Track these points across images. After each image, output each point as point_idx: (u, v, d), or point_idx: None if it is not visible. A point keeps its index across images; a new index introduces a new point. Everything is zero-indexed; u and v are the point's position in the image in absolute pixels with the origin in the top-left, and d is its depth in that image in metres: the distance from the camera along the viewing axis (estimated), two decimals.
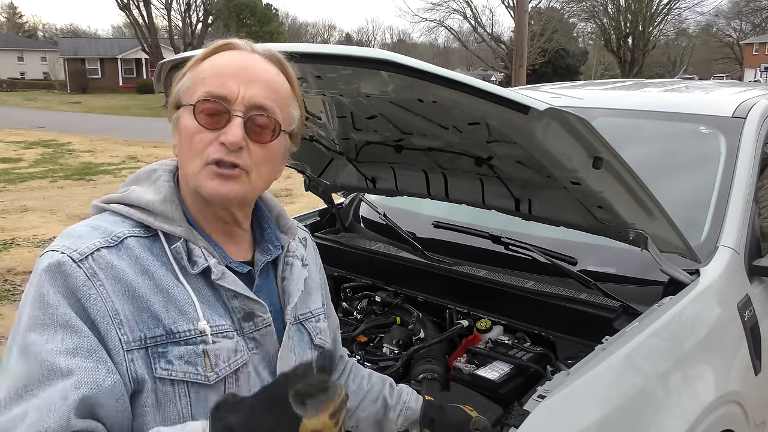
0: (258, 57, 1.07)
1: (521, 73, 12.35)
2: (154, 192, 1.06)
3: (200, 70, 1.05)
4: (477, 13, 37.37)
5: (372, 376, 1.44)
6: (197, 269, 1.02)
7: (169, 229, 1.03)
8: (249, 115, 1.02)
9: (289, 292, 1.15)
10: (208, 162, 1.01)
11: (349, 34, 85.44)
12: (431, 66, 1.23)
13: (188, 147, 1.03)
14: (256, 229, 1.18)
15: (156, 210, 1.03)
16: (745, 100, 2.33)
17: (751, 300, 1.81)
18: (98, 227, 1.01)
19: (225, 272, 1.04)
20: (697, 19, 47.75)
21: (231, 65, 1.04)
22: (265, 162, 1.05)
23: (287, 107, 1.08)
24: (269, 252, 1.15)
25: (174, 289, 1.00)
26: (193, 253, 1.03)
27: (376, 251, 2.25)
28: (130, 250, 1.00)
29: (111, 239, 0.99)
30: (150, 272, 0.99)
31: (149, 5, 35.28)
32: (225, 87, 1.01)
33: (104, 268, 0.96)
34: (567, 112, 1.24)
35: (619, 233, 1.64)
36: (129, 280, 0.97)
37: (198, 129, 1.01)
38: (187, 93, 1.05)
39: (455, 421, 1.37)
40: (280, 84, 1.07)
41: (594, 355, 1.35)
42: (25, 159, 12.92)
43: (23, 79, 50.40)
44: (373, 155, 2.03)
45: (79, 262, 0.95)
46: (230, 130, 1.00)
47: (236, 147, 1.00)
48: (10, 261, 5.75)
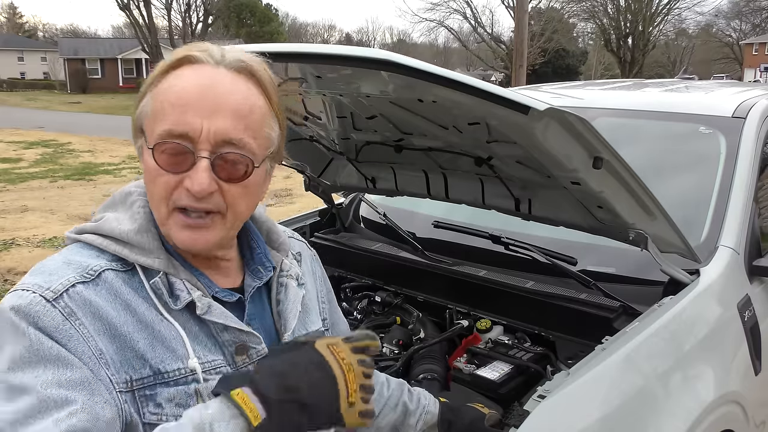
0: (224, 72, 0.92)
1: (521, 73, 12.36)
2: (129, 220, 0.96)
3: (158, 93, 0.91)
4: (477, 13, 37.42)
5: (390, 381, 1.37)
6: (180, 304, 0.93)
7: (146, 262, 0.93)
8: (218, 153, 0.89)
9: (285, 317, 1.06)
10: (177, 207, 0.91)
11: (349, 34, 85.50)
12: (431, 66, 1.23)
13: (153, 188, 0.92)
14: (245, 249, 1.08)
15: (131, 241, 0.93)
16: (745, 100, 2.33)
17: (751, 300, 1.81)
18: (71, 262, 0.92)
19: (211, 305, 0.95)
20: (697, 19, 47.73)
21: (192, 90, 0.89)
22: (242, 198, 0.94)
23: (262, 130, 0.94)
24: (260, 275, 1.05)
25: (159, 324, 0.91)
26: (174, 286, 0.93)
27: (376, 251, 2.25)
28: (108, 284, 0.90)
29: (86, 273, 0.90)
30: (132, 308, 0.90)
31: (149, 5, 35.25)
32: (186, 123, 0.88)
33: (81, 305, 0.86)
34: (567, 112, 1.24)
35: (619, 233, 1.64)
36: (109, 317, 0.88)
37: (159, 172, 0.90)
38: (147, 123, 0.93)
39: (470, 420, 1.39)
40: (251, 105, 0.92)
41: (594, 355, 1.35)
42: (25, 159, 12.92)
43: (23, 79, 50.42)
44: (373, 155, 2.03)
45: (53, 302, 0.85)
46: (195, 175, 0.88)
47: (204, 194, 0.89)
48: (10, 261, 5.75)
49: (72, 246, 0.97)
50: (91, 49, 47.99)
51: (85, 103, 32.12)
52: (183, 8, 39.73)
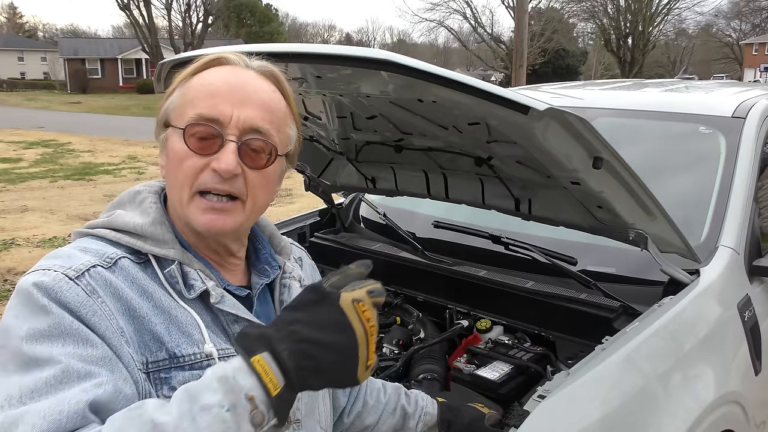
0: (252, 73, 0.99)
1: (521, 73, 12.36)
2: (142, 215, 0.99)
3: (190, 88, 0.98)
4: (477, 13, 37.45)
5: (386, 387, 1.39)
6: (194, 293, 0.95)
7: (160, 252, 0.96)
8: (243, 139, 0.95)
9: None
10: (199, 190, 0.94)
11: (349, 34, 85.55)
12: (431, 66, 1.23)
13: (177, 173, 0.95)
14: (250, 251, 1.12)
15: (145, 233, 0.96)
16: (744, 100, 2.33)
17: (751, 300, 1.81)
18: (88, 249, 0.94)
19: (224, 295, 0.98)
20: (696, 20, 47.79)
21: (223, 83, 0.96)
22: (261, 188, 0.99)
23: (284, 128, 1.01)
24: (266, 273, 1.09)
25: (176, 310, 0.93)
26: (188, 276, 0.96)
27: (376, 251, 2.25)
28: (125, 271, 0.93)
29: (104, 260, 0.92)
30: (148, 293, 0.93)
31: (149, 5, 35.29)
32: (217, 109, 0.94)
33: (102, 285, 0.89)
34: (567, 112, 1.24)
35: (619, 233, 1.64)
36: (129, 298, 0.90)
37: (188, 154, 0.94)
38: (176, 113, 0.97)
39: (469, 419, 1.39)
40: (276, 103, 1.00)
41: (594, 355, 1.35)
42: (25, 159, 12.92)
43: (23, 79, 50.45)
44: (373, 155, 2.03)
45: (76, 279, 0.87)
46: (223, 156, 0.93)
47: (230, 174, 0.93)
48: (10, 261, 5.75)
49: (83, 238, 0.99)
50: (91, 49, 47.99)
51: (85, 103, 32.13)
52: (183, 8, 39.75)
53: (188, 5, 39.19)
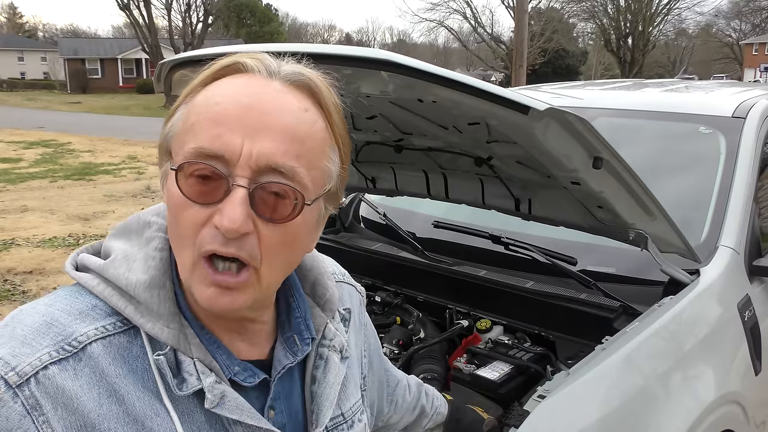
0: (277, 85, 0.74)
1: (521, 73, 12.36)
2: (142, 266, 0.76)
3: (193, 108, 0.73)
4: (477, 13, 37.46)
5: (411, 385, 1.26)
6: (186, 391, 0.73)
7: (152, 330, 0.73)
8: (258, 183, 0.69)
9: (320, 404, 0.85)
10: (201, 254, 0.71)
11: (349, 34, 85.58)
12: (431, 66, 1.23)
13: (176, 226, 0.72)
14: (282, 305, 0.86)
15: (138, 297, 0.74)
16: (744, 100, 2.33)
17: (751, 300, 1.81)
18: (53, 323, 0.71)
19: (225, 395, 0.74)
20: (696, 20, 47.85)
21: (233, 103, 0.70)
22: (283, 247, 0.73)
23: (319, 161, 0.75)
24: (294, 350, 0.83)
25: (152, 420, 0.71)
26: (182, 366, 0.74)
27: (376, 251, 2.25)
28: (93, 362, 0.70)
29: (68, 346, 0.70)
30: (119, 395, 0.70)
31: (149, 5, 35.25)
32: (221, 140, 0.69)
33: (51, 394, 0.67)
34: (567, 112, 1.24)
35: (619, 233, 1.64)
36: (86, 410, 0.68)
37: (185, 203, 0.70)
38: (176, 142, 0.73)
39: (470, 420, 1.39)
40: (307, 128, 0.73)
41: (594, 355, 1.35)
42: (25, 159, 12.92)
43: (23, 79, 50.46)
44: (373, 155, 2.03)
45: (17, 388, 0.66)
46: (227, 208, 0.68)
47: (236, 234, 0.69)
48: (10, 261, 5.75)
49: (65, 290, 0.78)
50: (91, 49, 48.00)
51: (85, 103, 32.15)
52: (183, 8, 39.74)
53: (188, 5, 39.20)
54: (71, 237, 6.59)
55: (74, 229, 6.95)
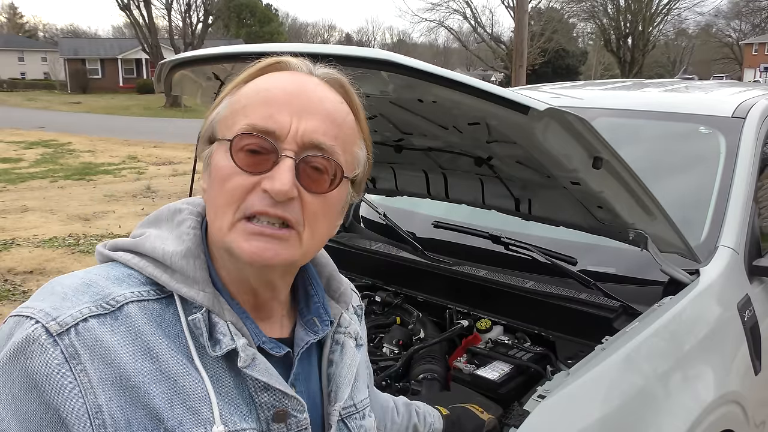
0: (317, 81, 0.84)
1: (521, 73, 12.36)
2: (175, 241, 0.82)
3: (241, 95, 0.82)
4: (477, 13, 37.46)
5: (398, 406, 1.28)
6: (219, 351, 0.78)
7: (187, 293, 0.79)
8: (303, 156, 0.78)
9: (338, 383, 0.91)
10: (246, 215, 0.77)
11: (349, 34, 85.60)
12: (431, 66, 1.23)
13: (221, 194, 0.79)
14: (300, 294, 0.93)
15: (174, 266, 0.80)
16: (744, 100, 2.33)
17: (751, 300, 1.81)
18: (91, 284, 0.77)
19: (256, 357, 0.80)
20: (696, 20, 47.84)
21: (281, 90, 0.80)
22: (323, 217, 0.81)
23: (351, 147, 0.85)
24: (315, 329, 0.90)
25: (185, 378, 0.76)
26: (216, 328, 0.79)
27: (376, 251, 2.25)
28: (129, 320, 0.75)
29: (105, 304, 0.75)
30: (154, 352, 0.75)
31: (149, 5, 35.24)
32: (272, 119, 0.78)
33: (90, 346, 0.72)
34: (567, 112, 1.24)
35: (619, 233, 1.64)
36: (122, 363, 0.73)
37: (235, 171, 0.78)
38: (223, 124, 0.82)
39: (470, 428, 1.38)
40: (343, 116, 0.83)
41: (594, 355, 1.35)
42: (26, 159, 12.92)
43: (24, 79, 50.46)
44: (372, 155, 2.03)
45: (57, 337, 0.71)
46: (278, 174, 0.76)
47: (285, 197, 0.76)
48: (10, 261, 5.75)
49: (106, 265, 0.83)
50: (92, 49, 48.01)
51: (86, 103, 32.16)
52: (183, 8, 39.72)
53: (188, 5, 39.17)
54: (71, 237, 6.59)
55: (74, 229, 6.95)
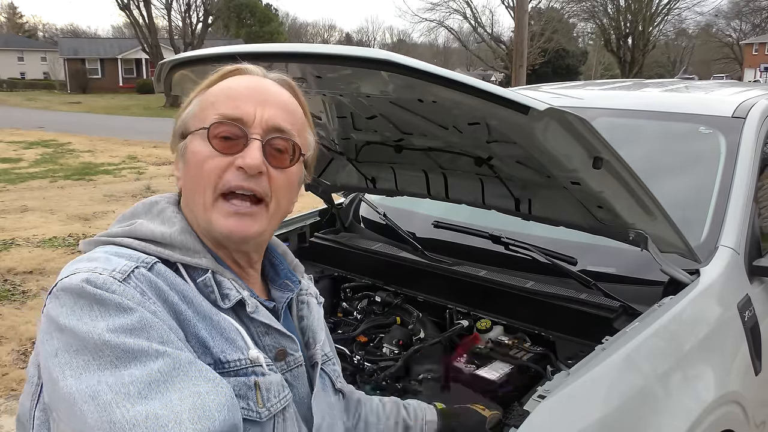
0: (270, 81, 1.01)
1: (521, 73, 12.36)
2: (165, 224, 0.96)
3: (210, 95, 0.98)
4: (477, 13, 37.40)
5: (384, 402, 1.34)
6: (229, 303, 0.93)
7: (192, 261, 0.93)
8: (268, 138, 0.95)
9: (313, 330, 1.09)
10: (223, 192, 0.92)
11: (349, 34, 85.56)
12: (431, 66, 1.23)
13: (199, 176, 0.93)
14: (268, 267, 1.10)
15: (174, 242, 0.93)
16: (744, 100, 2.33)
17: (751, 300, 1.81)
18: (120, 253, 0.90)
19: (258, 305, 0.96)
20: (696, 20, 47.78)
21: (244, 87, 0.98)
22: (285, 189, 0.98)
23: (304, 132, 1.03)
24: (288, 288, 1.08)
25: (216, 316, 0.90)
26: (222, 285, 0.93)
27: (376, 251, 2.25)
28: (162, 275, 0.89)
29: (142, 262, 0.88)
30: (188, 298, 0.89)
31: (149, 5, 35.21)
32: (240, 109, 0.94)
33: (149, 287, 0.85)
34: (567, 112, 1.24)
35: (619, 233, 1.64)
36: (174, 302, 0.87)
37: (212, 154, 0.93)
38: (196, 119, 0.97)
39: (471, 424, 1.38)
40: (295, 108, 1.01)
41: (594, 355, 1.35)
42: (25, 159, 12.91)
43: (23, 79, 50.45)
44: (373, 155, 2.03)
45: (124, 282, 0.83)
46: (248, 153, 0.92)
47: (256, 171, 0.92)
48: (10, 261, 5.75)
49: (105, 247, 0.93)
50: (91, 49, 47.98)
51: (85, 103, 32.14)
52: (183, 8, 39.69)
53: (188, 5, 39.15)
54: (71, 237, 6.58)
55: (74, 229, 6.94)
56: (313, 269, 2.28)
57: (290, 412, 0.95)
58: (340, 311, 2.19)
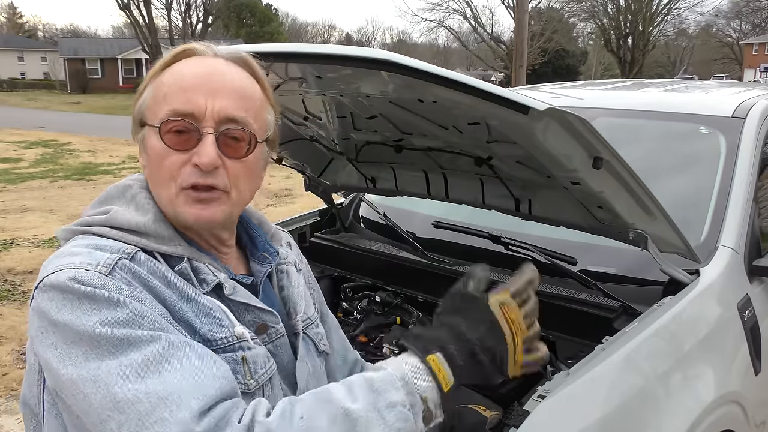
0: (221, 61, 0.98)
1: (521, 73, 12.36)
2: (140, 212, 0.97)
3: (161, 83, 0.96)
4: (477, 13, 37.33)
5: None
6: (208, 287, 0.96)
7: (168, 250, 0.95)
8: (221, 131, 0.93)
9: (293, 300, 1.11)
10: (183, 187, 0.93)
11: (349, 34, 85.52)
12: (431, 66, 1.23)
13: (160, 170, 0.95)
14: (245, 239, 1.12)
15: (149, 231, 0.95)
16: (744, 100, 2.33)
17: (751, 300, 1.81)
18: (99, 246, 0.92)
19: (236, 286, 0.99)
20: (697, 20, 47.76)
21: (193, 75, 0.95)
22: (245, 177, 0.98)
23: (261, 113, 1.00)
24: (267, 261, 1.10)
25: (200, 298, 0.94)
26: (199, 271, 0.96)
27: (376, 251, 2.25)
28: (143, 264, 0.92)
29: (123, 253, 0.91)
30: (172, 283, 0.92)
31: (149, 5, 35.27)
32: (191, 102, 0.92)
33: (133, 276, 0.88)
34: (567, 112, 1.24)
35: (619, 233, 1.64)
36: (158, 289, 0.90)
37: (167, 151, 0.93)
38: (150, 111, 0.96)
39: (471, 423, 1.38)
40: (249, 89, 0.99)
41: (594, 355, 1.35)
42: (26, 159, 12.91)
43: (23, 79, 50.44)
44: (373, 155, 2.03)
45: (109, 275, 0.86)
46: (202, 149, 0.92)
47: (211, 167, 0.92)
48: (10, 261, 5.75)
49: (80, 238, 0.96)
50: (91, 49, 47.99)
51: (85, 103, 32.12)
52: (183, 8, 39.74)
53: (188, 5, 39.21)
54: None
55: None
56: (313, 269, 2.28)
57: (276, 381, 0.99)
58: (340, 311, 2.19)
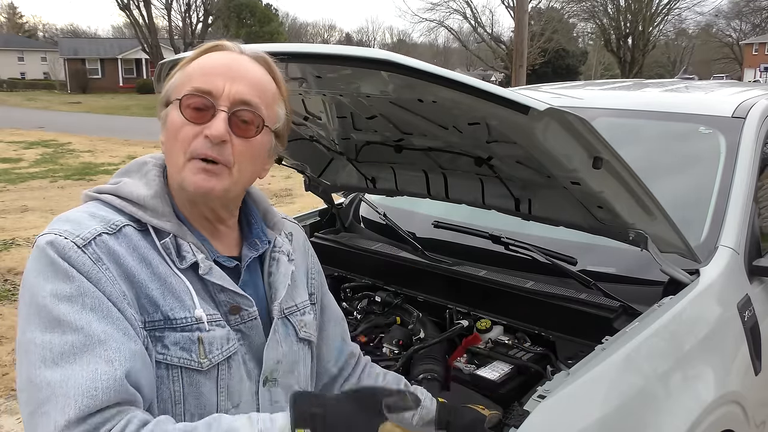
0: (246, 58, 1.11)
1: (521, 73, 12.37)
2: (145, 186, 1.09)
3: (189, 69, 1.10)
4: (477, 13, 37.20)
5: (387, 375, 1.45)
6: (185, 264, 1.05)
7: (158, 224, 1.06)
8: (233, 110, 1.05)
9: (276, 287, 1.18)
10: (192, 156, 1.04)
11: (349, 34, 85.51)
12: (431, 66, 1.23)
13: (174, 141, 1.06)
14: (244, 225, 1.21)
15: (147, 205, 1.06)
16: (744, 100, 2.33)
17: (751, 300, 1.81)
18: (96, 215, 1.04)
19: (212, 267, 1.08)
20: (697, 20, 47.71)
21: (218, 64, 1.08)
22: (249, 157, 1.08)
23: (273, 105, 1.11)
24: (256, 247, 1.19)
25: (171, 278, 1.04)
26: (181, 248, 1.06)
27: (376, 251, 2.25)
28: (127, 238, 1.03)
29: (110, 227, 1.02)
30: (147, 260, 1.03)
31: (149, 5, 35.20)
32: (211, 83, 1.05)
33: (106, 253, 0.99)
34: (567, 112, 1.24)
35: (619, 233, 1.64)
36: (129, 266, 1.00)
37: (184, 123, 1.05)
38: (175, 91, 1.09)
39: (469, 420, 1.39)
40: (266, 83, 1.11)
41: (594, 355, 1.35)
42: (26, 159, 12.91)
43: (23, 79, 50.40)
44: (373, 155, 2.03)
45: (83, 248, 0.98)
46: (214, 123, 1.03)
47: (219, 140, 1.03)
48: (10, 261, 5.75)
49: (92, 203, 1.09)
50: (91, 49, 47.97)
51: (85, 103, 32.13)
52: (183, 8, 39.68)
53: (188, 5, 39.14)
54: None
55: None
56: None
57: (237, 360, 1.08)
58: None
